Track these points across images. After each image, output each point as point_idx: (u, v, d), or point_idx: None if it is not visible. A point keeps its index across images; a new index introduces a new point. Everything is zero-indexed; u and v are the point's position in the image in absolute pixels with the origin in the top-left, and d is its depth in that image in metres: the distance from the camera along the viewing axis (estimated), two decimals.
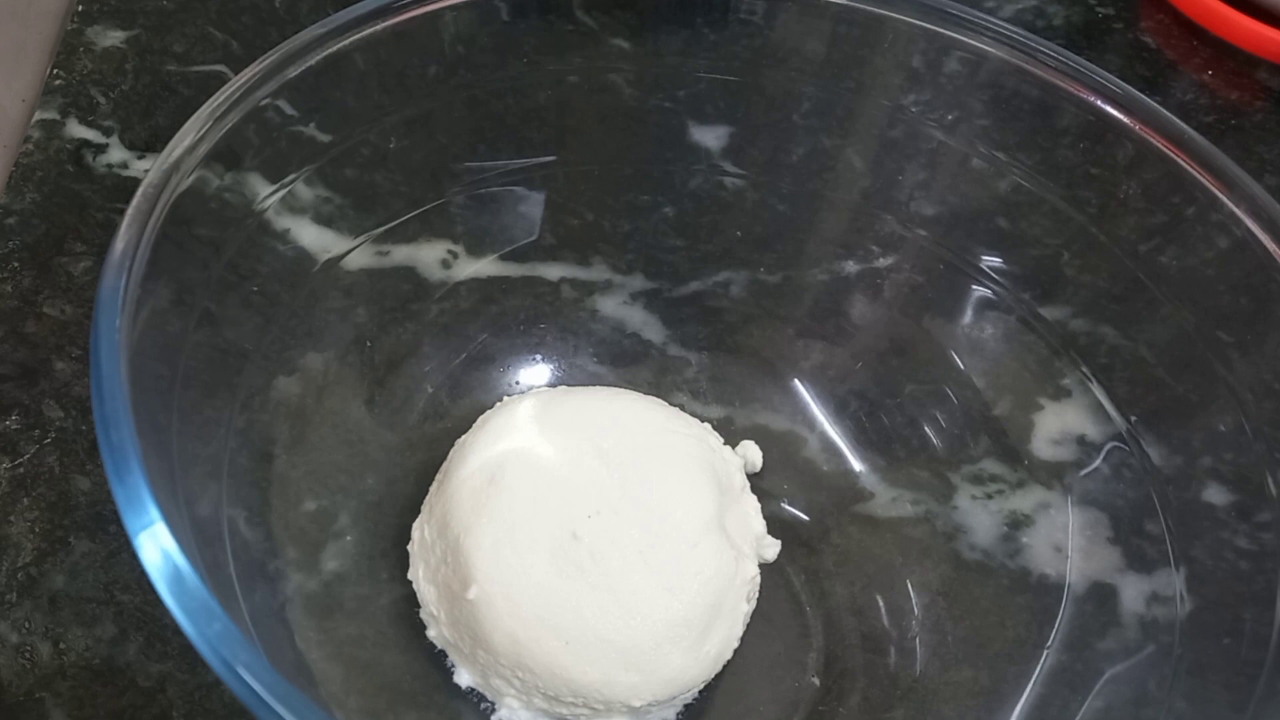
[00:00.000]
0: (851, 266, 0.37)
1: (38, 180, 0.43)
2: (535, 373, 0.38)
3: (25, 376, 0.37)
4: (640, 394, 0.36)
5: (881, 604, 0.34)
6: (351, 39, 0.31)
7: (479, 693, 0.31)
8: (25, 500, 0.35)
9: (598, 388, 0.37)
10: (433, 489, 0.33)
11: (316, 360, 0.34)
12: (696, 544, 0.31)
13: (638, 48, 0.36)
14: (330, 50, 0.31)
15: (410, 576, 0.32)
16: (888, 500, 0.36)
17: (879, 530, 0.35)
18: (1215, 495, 0.30)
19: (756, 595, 0.33)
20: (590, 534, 0.30)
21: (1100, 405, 0.33)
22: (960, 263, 0.35)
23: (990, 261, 0.35)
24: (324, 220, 0.34)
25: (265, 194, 0.31)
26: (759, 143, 0.37)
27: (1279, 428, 0.29)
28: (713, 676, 0.32)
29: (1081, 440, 0.33)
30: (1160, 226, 0.31)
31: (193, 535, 0.24)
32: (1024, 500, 0.34)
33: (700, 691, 0.32)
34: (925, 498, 0.35)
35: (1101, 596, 0.31)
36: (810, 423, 0.38)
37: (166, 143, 0.27)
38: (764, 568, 0.33)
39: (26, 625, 0.32)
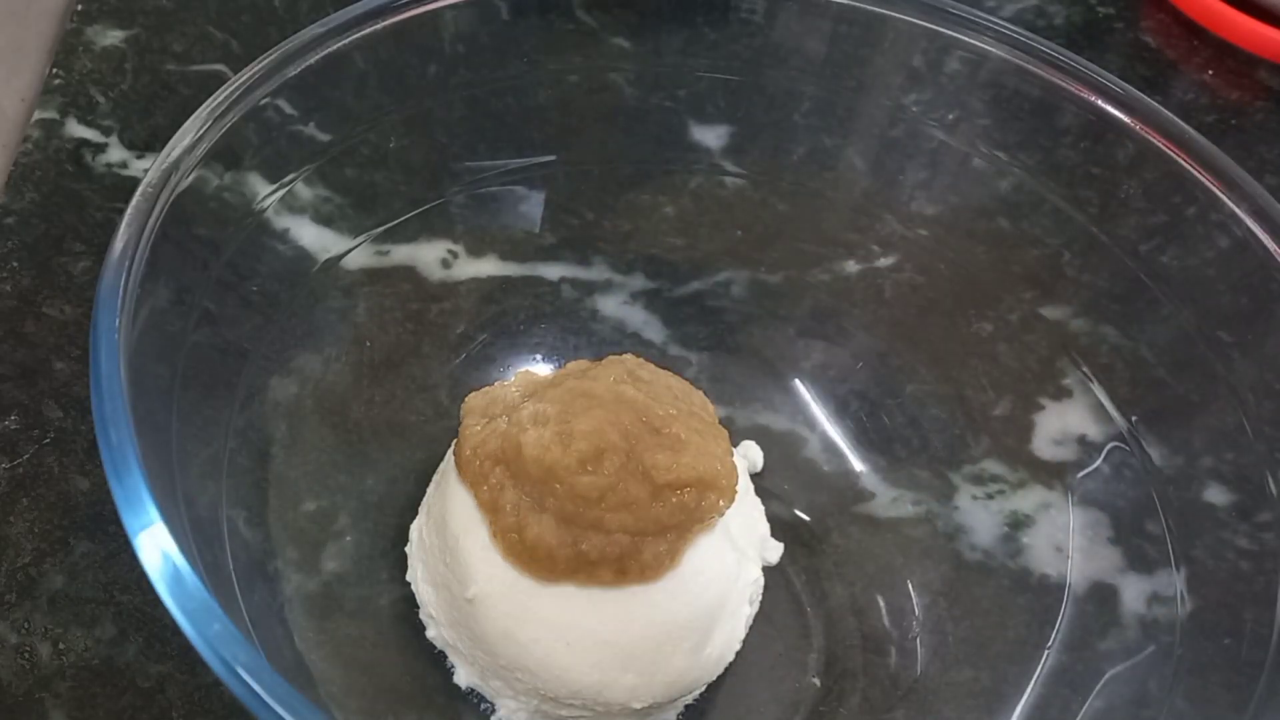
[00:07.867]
0: (852, 266, 0.37)
1: (37, 180, 0.43)
2: (535, 373, 0.38)
3: (25, 376, 0.37)
4: None
5: (882, 604, 0.34)
6: (351, 38, 0.31)
7: (479, 693, 0.31)
8: (24, 500, 0.35)
9: None
10: (431, 489, 0.33)
11: (316, 360, 0.34)
12: (698, 545, 0.31)
13: (638, 47, 0.36)
14: (330, 50, 0.31)
15: (409, 578, 0.32)
16: (888, 500, 0.36)
17: (880, 530, 0.35)
18: (1216, 495, 0.30)
19: (759, 597, 0.33)
20: None
21: (1101, 405, 0.33)
22: (960, 262, 0.35)
23: (991, 261, 0.35)
24: (324, 220, 0.34)
25: (265, 194, 0.31)
26: (759, 142, 0.37)
27: (1279, 427, 0.29)
28: (714, 678, 0.32)
29: (1082, 440, 0.33)
30: (1160, 226, 0.31)
31: (192, 535, 0.24)
32: (1025, 500, 0.34)
33: (701, 693, 0.32)
34: (926, 498, 0.35)
35: (1102, 597, 0.31)
36: (811, 423, 0.38)
37: (166, 142, 0.27)
38: (764, 568, 0.33)
39: (26, 626, 0.32)
